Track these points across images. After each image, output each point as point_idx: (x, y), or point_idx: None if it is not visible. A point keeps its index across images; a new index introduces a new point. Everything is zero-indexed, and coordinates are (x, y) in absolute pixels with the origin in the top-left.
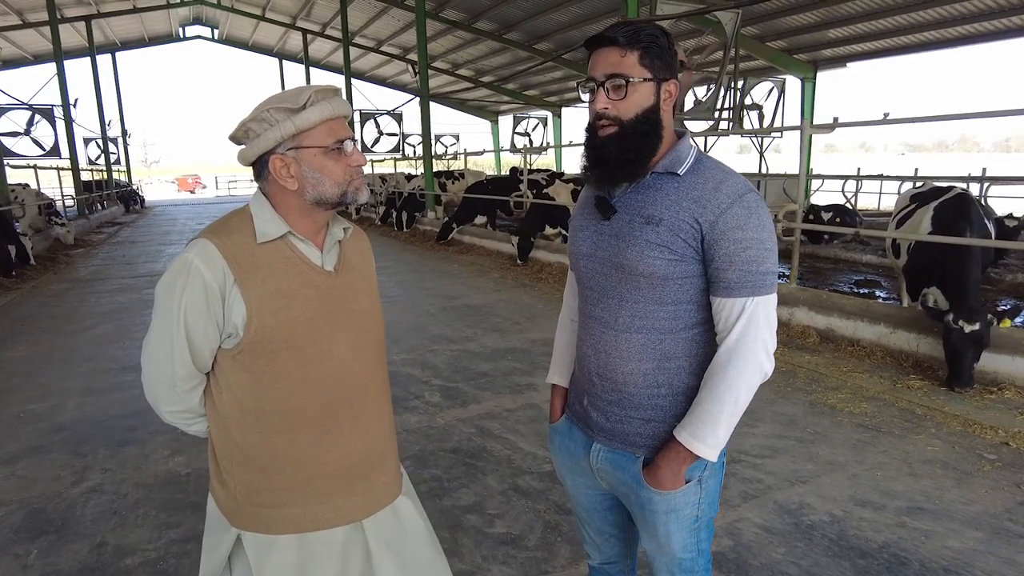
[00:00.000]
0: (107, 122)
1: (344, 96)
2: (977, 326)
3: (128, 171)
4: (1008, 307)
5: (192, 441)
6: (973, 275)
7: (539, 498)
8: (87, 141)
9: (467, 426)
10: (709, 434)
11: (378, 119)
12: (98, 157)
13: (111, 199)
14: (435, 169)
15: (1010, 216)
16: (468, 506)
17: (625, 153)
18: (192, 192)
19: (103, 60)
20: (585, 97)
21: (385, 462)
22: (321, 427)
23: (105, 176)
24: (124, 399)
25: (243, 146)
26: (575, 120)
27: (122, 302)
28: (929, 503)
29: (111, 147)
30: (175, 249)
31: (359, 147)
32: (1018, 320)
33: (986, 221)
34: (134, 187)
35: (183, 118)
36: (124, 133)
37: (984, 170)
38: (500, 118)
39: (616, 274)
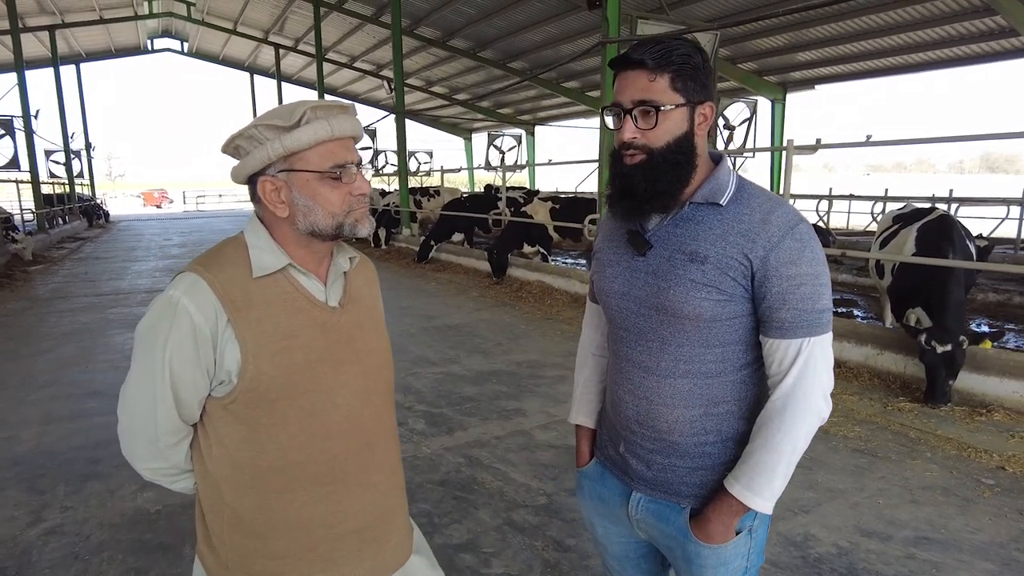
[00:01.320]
0: (70, 134)
1: (354, 113)
2: (949, 347)
3: (92, 184)
4: (991, 330)
5: None
6: (955, 296)
7: (536, 534)
8: (48, 153)
9: (455, 455)
10: (765, 486)
11: None
12: (77, 176)
13: (73, 213)
14: (410, 186)
15: (980, 236)
16: (461, 544)
17: (655, 185)
18: (159, 207)
19: (67, 71)
20: (610, 122)
21: (396, 519)
22: (326, 484)
23: (67, 190)
24: (87, 428)
25: (237, 161)
26: (549, 138)
27: (84, 322)
28: (935, 532)
29: (74, 160)
30: (141, 266)
31: (365, 172)
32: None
33: (968, 242)
34: (98, 201)
35: (150, 131)
36: (88, 146)
37: (951, 191)
38: (474, 135)
39: (656, 316)
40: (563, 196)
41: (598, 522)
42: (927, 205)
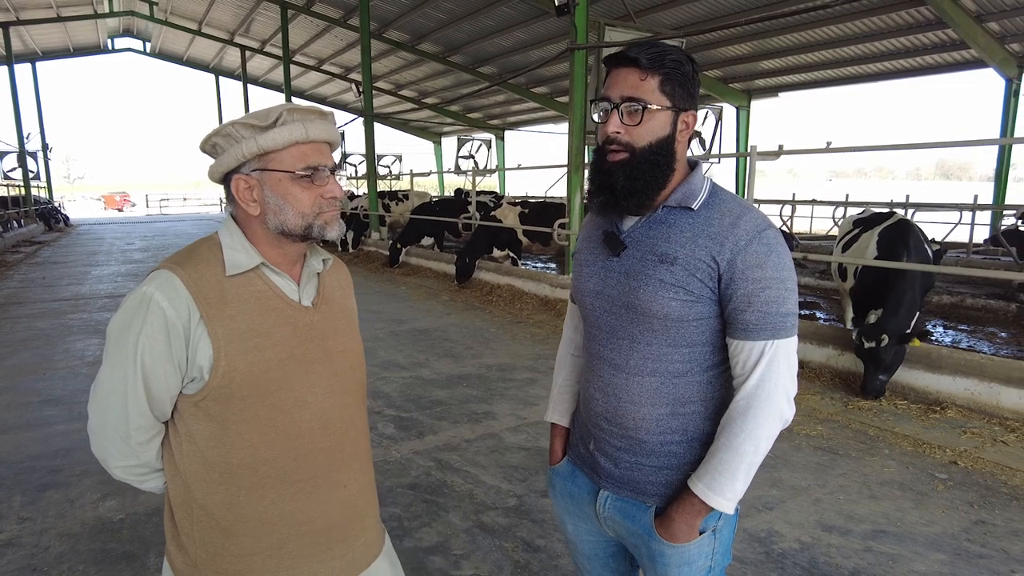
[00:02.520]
0: (26, 135)
1: (332, 120)
2: (873, 344)
3: (49, 187)
4: (915, 331)
5: None
6: (908, 297)
7: (506, 535)
8: (2, 155)
9: (424, 459)
10: (727, 486)
11: None
12: (12, 170)
13: (30, 216)
14: (378, 189)
15: (933, 241)
16: (431, 547)
17: (634, 183)
18: (120, 210)
19: (22, 69)
20: (596, 117)
21: (365, 519)
22: (295, 483)
23: (23, 192)
24: (45, 436)
25: (214, 161)
26: (518, 143)
27: (42, 328)
28: (892, 526)
29: (30, 161)
30: (102, 271)
31: (339, 176)
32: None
33: (925, 246)
34: (56, 204)
35: (111, 133)
36: (45, 147)
37: (908, 197)
38: (443, 139)
39: (627, 314)
40: (533, 200)
41: (568, 520)
42: (885, 210)
